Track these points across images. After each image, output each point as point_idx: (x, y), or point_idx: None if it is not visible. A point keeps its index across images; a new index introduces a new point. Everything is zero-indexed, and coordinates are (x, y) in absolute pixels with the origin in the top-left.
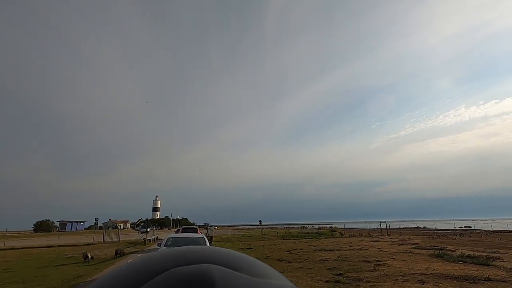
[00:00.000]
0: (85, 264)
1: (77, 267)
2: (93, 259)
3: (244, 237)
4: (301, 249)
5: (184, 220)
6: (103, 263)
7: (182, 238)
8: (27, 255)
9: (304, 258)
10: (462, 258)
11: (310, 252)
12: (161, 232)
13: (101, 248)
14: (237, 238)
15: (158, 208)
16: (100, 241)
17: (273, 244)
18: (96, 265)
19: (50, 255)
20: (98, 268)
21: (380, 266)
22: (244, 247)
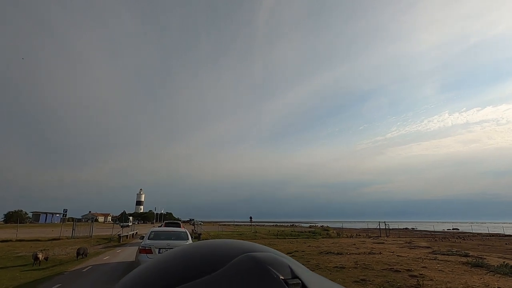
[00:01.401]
0: (32, 268)
1: (18, 272)
2: (46, 261)
3: (234, 234)
4: (303, 251)
5: (168, 214)
6: (57, 267)
7: (165, 232)
8: None
9: (314, 264)
10: (508, 269)
11: (316, 256)
12: (143, 227)
13: (65, 245)
14: (227, 235)
15: (142, 202)
16: (69, 236)
17: (268, 243)
18: (46, 270)
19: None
20: (46, 274)
21: (422, 280)
22: None
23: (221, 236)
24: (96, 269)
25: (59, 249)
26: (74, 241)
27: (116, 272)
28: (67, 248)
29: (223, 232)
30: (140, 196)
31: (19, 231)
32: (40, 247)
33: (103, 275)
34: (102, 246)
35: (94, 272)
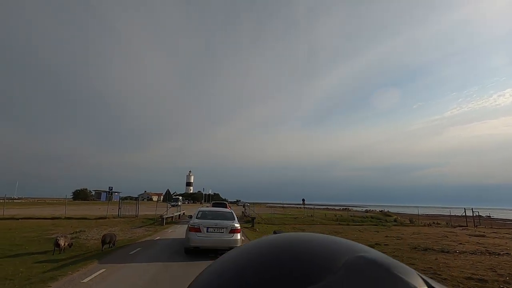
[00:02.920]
0: (48, 258)
1: (24, 266)
2: (70, 248)
3: (288, 218)
4: (386, 245)
5: (215, 195)
6: (76, 260)
7: (212, 212)
8: (3, 230)
9: (427, 270)
10: None
11: (410, 253)
12: (192, 206)
13: (107, 225)
14: (280, 219)
15: (191, 183)
16: (116, 215)
17: (332, 231)
18: (60, 262)
19: (29, 234)
20: (51, 273)
21: None
22: None
23: (274, 219)
24: (114, 274)
25: (96, 231)
26: (118, 221)
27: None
28: (105, 230)
29: (275, 215)
30: (190, 177)
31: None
32: (83, 227)
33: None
34: (143, 228)
35: (110, 277)
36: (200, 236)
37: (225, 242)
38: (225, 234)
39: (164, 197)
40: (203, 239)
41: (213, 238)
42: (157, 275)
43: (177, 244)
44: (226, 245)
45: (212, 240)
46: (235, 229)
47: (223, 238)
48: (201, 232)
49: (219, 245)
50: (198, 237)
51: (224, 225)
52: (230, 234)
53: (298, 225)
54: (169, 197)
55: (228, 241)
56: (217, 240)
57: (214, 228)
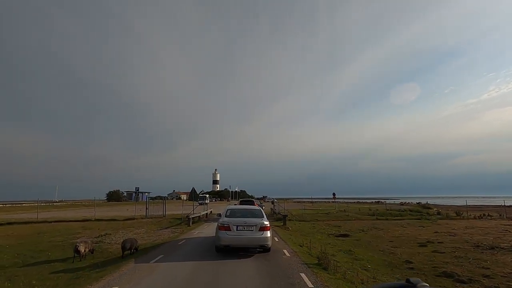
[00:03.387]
0: (65, 268)
1: (37, 278)
2: (92, 253)
3: (320, 214)
4: (440, 243)
5: (242, 192)
6: (91, 270)
7: (241, 210)
8: (30, 234)
9: (502, 273)
10: None
11: (473, 253)
12: (219, 204)
13: (133, 227)
14: (312, 215)
15: (217, 181)
16: (144, 215)
17: (373, 227)
18: (77, 273)
19: (56, 238)
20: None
21: None
22: (335, 233)
23: (305, 215)
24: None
25: (122, 233)
26: (146, 222)
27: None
28: (131, 232)
29: (305, 211)
30: (216, 175)
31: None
32: (108, 229)
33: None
34: (169, 230)
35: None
36: (230, 234)
37: (255, 240)
38: (254, 232)
39: (190, 196)
40: (233, 237)
41: (243, 236)
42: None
43: (203, 247)
44: (256, 243)
45: (242, 238)
46: (264, 227)
47: (253, 236)
48: (231, 230)
49: (249, 244)
50: (228, 236)
51: (253, 223)
52: (259, 232)
53: (332, 221)
54: (195, 196)
55: (258, 239)
56: (247, 239)
57: (244, 226)
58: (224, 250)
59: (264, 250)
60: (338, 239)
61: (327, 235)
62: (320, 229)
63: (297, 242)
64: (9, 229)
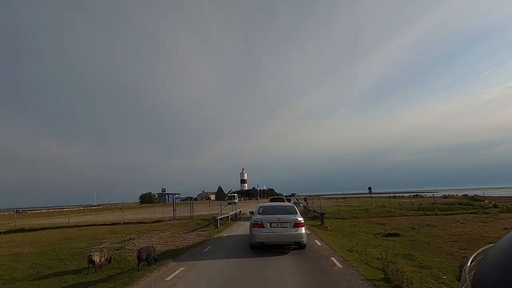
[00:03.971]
0: (77, 281)
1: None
2: (110, 263)
3: (357, 211)
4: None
5: (270, 190)
6: (103, 285)
7: (273, 207)
8: (56, 240)
9: None
10: None
11: None
12: (247, 203)
13: (159, 231)
14: (349, 212)
15: (245, 180)
16: (171, 217)
17: (424, 223)
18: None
19: (80, 244)
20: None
21: None
22: (382, 232)
23: (341, 213)
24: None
25: (146, 238)
26: (173, 224)
27: None
28: (155, 236)
29: (342, 207)
30: (243, 174)
31: (136, 212)
32: (134, 233)
33: None
34: (196, 233)
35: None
36: (264, 231)
37: (290, 237)
38: (289, 228)
39: (217, 195)
40: (267, 234)
41: (277, 233)
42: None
43: (233, 253)
44: (291, 240)
45: (277, 235)
46: (298, 223)
47: (287, 232)
48: (264, 227)
49: (284, 240)
50: (262, 233)
51: (287, 220)
52: (294, 229)
53: (373, 218)
54: (222, 195)
55: (292, 236)
56: (281, 235)
57: (277, 223)
58: (258, 247)
59: (299, 247)
60: (387, 240)
61: (373, 235)
62: (362, 227)
63: (344, 246)
64: (40, 235)
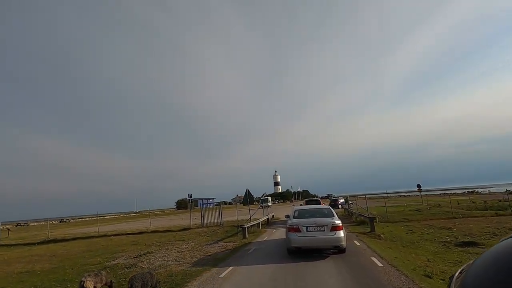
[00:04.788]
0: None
1: None
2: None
3: (407, 212)
4: None
5: (304, 192)
6: None
7: (309, 210)
8: (76, 253)
9: None
10: None
11: None
12: (281, 206)
13: (182, 242)
14: (398, 214)
15: (278, 182)
16: (199, 224)
17: (500, 226)
18: None
19: (95, 259)
20: None
21: None
22: (453, 240)
23: (391, 215)
24: None
25: (166, 251)
26: (200, 232)
27: None
28: (176, 249)
29: (389, 208)
30: (276, 177)
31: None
32: (157, 244)
33: None
34: (220, 245)
35: None
36: (300, 236)
37: (328, 241)
38: (326, 232)
39: (244, 199)
40: (303, 239)
41: (314, 237)
42: None
43: (261, 279)
44: (329, 244)
45: (314, 239)
46: (336, 226)
47: (325, 236)
48: (301, 232)
49: (321, 245)
50: (298, 237)
51: (324, 223)
52: (332, 232)
53: (430, 220)
54: (250, 199)
55: (331, 240)
56: (319, 240)
57: (314, 227)
58: (296, 252)
59: (339, 251)
60: (466, 252)
61: (442, 245)
62: (423, 234)
63: (413, 265)
64: (65, 247)
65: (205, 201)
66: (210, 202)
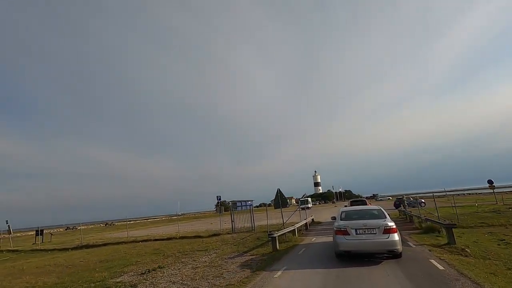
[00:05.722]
0: None
1: None
2: None
3: (482, 214)
4: None
5: (347, 192)
6: None
7: (357, 211)
8: (93, 264)
9: None
10: None
11: None
12: (323, 207)
13: (204, 252)
14: (470, 216)
15: (319, 183)
16: (229, 229)
17: None
18: None
19: (102, 274)
20: None
21: None
22: None
23: (464, 219)
24: None
25: (182, 264)
26: (229, 238)
27: None
28: (191, 263)
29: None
30: (316, 177)
31: (208, 221)
32: (178, 254)
33: None
34: (245, 259)
35: None
36: (349, 239)
37: (380, 245)
38: (378, 235)
39: (275, 202)
40: (353, 242)
41: (365, 240)
42: None
43: None
44: (382, 248)
45: (364, 243)
46: (389, 228)
47: (377, 240)
48: (349, 234)
49: (373, 248)
50: (347, 241)
51: (375, 225)
52: (385, 235)
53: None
54: (282, 201)
55: (383, 243)
56: (370, 243)
57: (364, 229)
58: (345, 255)
59: (393, 256)
60: None
61: None
62: None
63: None
64: (89, 254)
65: (243, 203)
66: (248, 204)
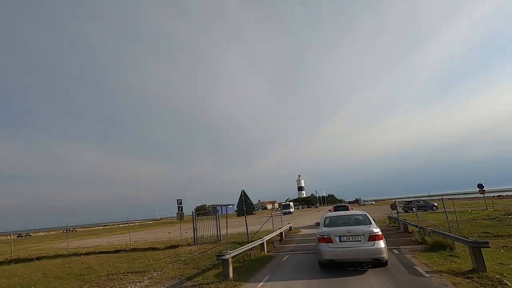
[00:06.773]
0: None
1: None
2: None
3: (480, 220)
4: None
5: (330, 196)
6: None
7: (341, 217)
8: None
9: None
10: None
11: None
12: (306, 212)
13: (142, 275)
14: (468, 224)
15: (302, 187)
16: (191, 239)
17: None
18: None
19: None
20: None
21: None
22: None
23: (466, 226)
24: None
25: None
26: (187, 252)
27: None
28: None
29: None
30: (300, 182)
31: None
32: (114, 273)
33: None
34: None
35: None
36: (333, 247)
37: (365, 253)
38: (363, 242)
39: (239, 208)
40: (336, 250)
41: (349, 248)
42: None
43: None
44: (367, 256)
45: (348, 251)
46: (375, 235)
47: (361, 247)
48: (333, 242)
49: (358, 257)
50: (330, 249)
51: (359, 232)
52: (370, 242)
53: None
54: (247, 207)
55: (368, 251)
56: (354, 251)
57: (348, 237)
58: (328, 265)
59: (379, 265)
60: None
61: None
62: None
63: None
64: (10, 271)
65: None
66: (230, 208)
